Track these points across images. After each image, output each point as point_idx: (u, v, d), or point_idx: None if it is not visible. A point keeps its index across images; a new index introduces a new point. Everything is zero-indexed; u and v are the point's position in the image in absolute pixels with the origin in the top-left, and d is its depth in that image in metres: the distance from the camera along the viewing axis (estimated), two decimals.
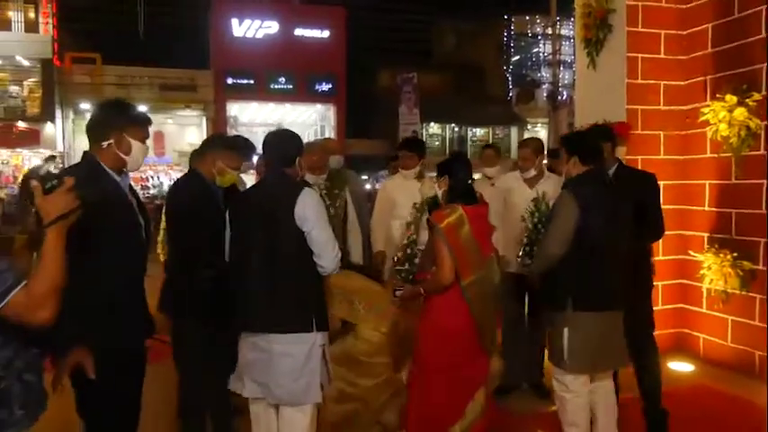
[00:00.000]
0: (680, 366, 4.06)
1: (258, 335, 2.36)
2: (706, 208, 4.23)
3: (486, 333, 2.68)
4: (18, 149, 13.51)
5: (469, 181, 2.76)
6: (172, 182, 3.26)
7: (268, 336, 2.35)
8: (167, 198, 3.01)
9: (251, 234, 2.42)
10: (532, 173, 3.63)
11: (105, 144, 2.02)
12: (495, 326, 2.84)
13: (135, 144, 2.07)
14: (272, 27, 15.75)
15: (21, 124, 13.29)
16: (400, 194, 3.91)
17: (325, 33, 16.27)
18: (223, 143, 2.84)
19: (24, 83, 13.25)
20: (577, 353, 2.69)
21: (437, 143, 20.13)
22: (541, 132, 18.99)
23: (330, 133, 16.58)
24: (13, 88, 13.10)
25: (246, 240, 2.42)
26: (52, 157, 12.69)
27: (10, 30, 12.65)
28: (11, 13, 12.67)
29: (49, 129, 13.55)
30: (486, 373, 2.71)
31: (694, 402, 3.56)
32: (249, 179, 3.55)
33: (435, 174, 2.82)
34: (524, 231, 3.20)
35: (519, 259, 3.04)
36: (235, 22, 15.49)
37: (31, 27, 12.87)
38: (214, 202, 2.73)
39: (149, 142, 2.37)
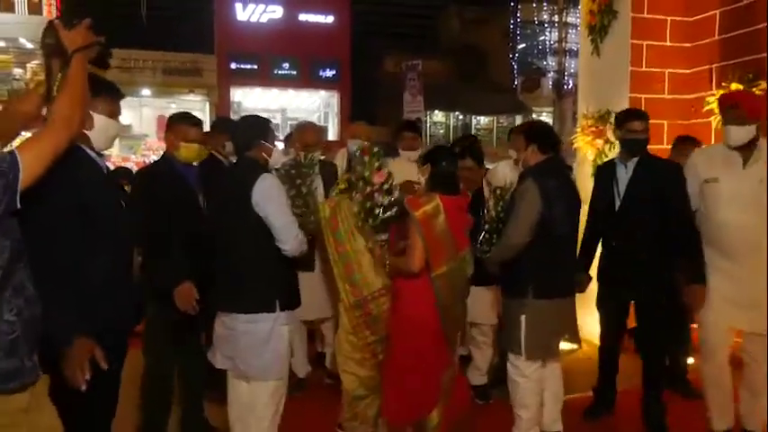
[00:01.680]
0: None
1: (224, 313, 2.50)
2: None
3: (450, 324, 2.71)
4: (23, 132, 13.50)
5: (452, 170, 2.74)
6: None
7: (231, 314, 2.48)
8: (136, 185, 3.01)
9: (218, 215, 2.56)
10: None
11: None
12: (464, 318, 2.97)
13: (98, 118, 1.97)
14: (276, 12, 15.62)
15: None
16: (400, 176, 3.89)
17: (330, 18, 16.14)
18: (181, 119, 2.84)
19: (28, 65, 13.19)
20: (534, 340, 2.79)
21: (441, 131, 20.03)
22: (547, 121, 18.86)
23: (334, 120, 16.51)
24: (17, 71, 13.03)
25: (215, 221, 2.57)
26: None
27: (13, 12, 12.58)
28: None
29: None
30: (447, 364, 2.73)
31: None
32: None
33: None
34: (485, 220, 3.18)
35: (478, 246, 2.98)
36: (239, 6, 15.37)
37: (35, 9, 12.78)
38: (180, 183, 2.75)
39: (152, 127, 2.39)
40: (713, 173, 2.90)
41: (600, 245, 3.32)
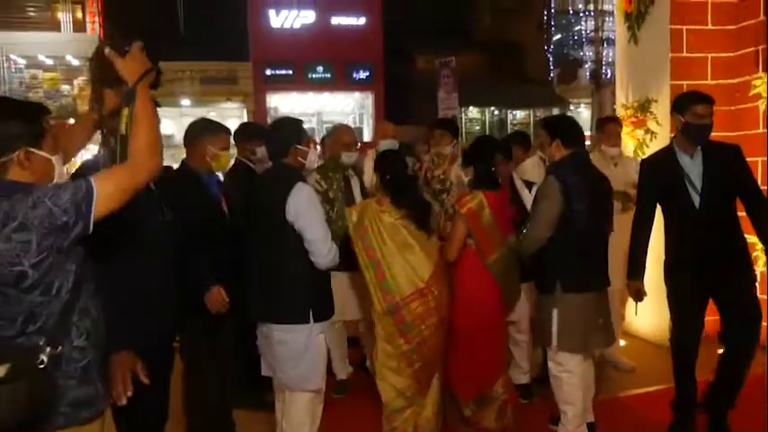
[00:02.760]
0: None
1: (261, 323, 2.51)
2: (761, 187, 4.04)
3: (511, 301, 3.12)
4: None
5: (492, 168, 2.96)
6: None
7: (267, 324, 2.48)
8: (158, 195, 2.96)
9: (252, 224, 2.54)
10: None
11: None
12: (519, 294, 3.23)
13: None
14: (308, 17, 15.79)
15: (72, 121, 13.84)
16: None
17: (362, 20, 16.21)
18: (209, 127, 2.74)
19: (75, 81, 13.75)
20: (567, 332, 2.77)
21: (477, 128, 19.83)
22: (584, 113, 18.45)
23: (369, 121, 16.57)
24: (65, 87, 13.61)
25: (249, 230, 2.56)
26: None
27: (59, 31, 13.15)
28: (59, 15, 13.16)
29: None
30: (505, 336, 3.13)
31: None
32: None
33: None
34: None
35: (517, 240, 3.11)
36: (272, 12, 15.61)
37: (79, 27, 13.33)
38: (207, 194, 2.70)
39: None
40: None
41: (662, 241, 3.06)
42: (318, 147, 3.40)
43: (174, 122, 15.50)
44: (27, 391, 1.36)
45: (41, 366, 1.40)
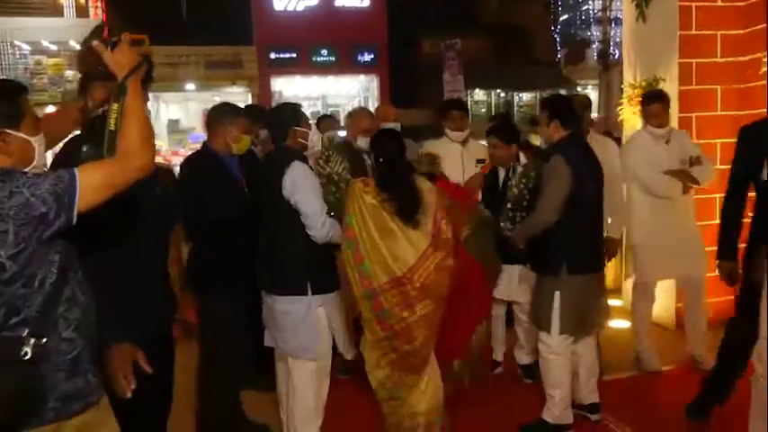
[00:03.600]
0: None
1: (266, 294, 2.65)
2: None
3: (492, 274, 3.09)
4: (76, 131, 14.06)
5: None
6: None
7: (271, 295, 2.62)
8: (182, 177, 2.96)
9: (258, 202, 2.68)
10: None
11: None
12: (499, 266, 3.18)
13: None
14: None
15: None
16: (444, 158, 3.84)
17: (366, 3, 16.04)
18: (230, 111, 2.84)
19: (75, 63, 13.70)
20: (567, 315, 2.76)
21: (483, 110, 19.67)
22: (592, 94, 18.25)
23: (373, 104, 16.48)
24: (69, 72, 13.56)
25: (256, 209, 2.69)
26: None
27: (62, 16, 13.08)
28: (62, 0, 13.09)
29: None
30: (489, 309, 3.10)
31: None
32: None
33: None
34: (508, 197, 3.22)
35: (501, 224, 3.09)
36: None
37: (82, 12, 13.25)
38: (230, 175, 2.80)
39: (198, 121, 2.44)
40: None
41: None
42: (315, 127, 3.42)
43: (179, 107, 15.47)
44: (12, 386, 1.31)
45: (26, 359, 1.35)
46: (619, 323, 4.38)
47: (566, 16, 19.78)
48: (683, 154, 3.51)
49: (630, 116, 4.43)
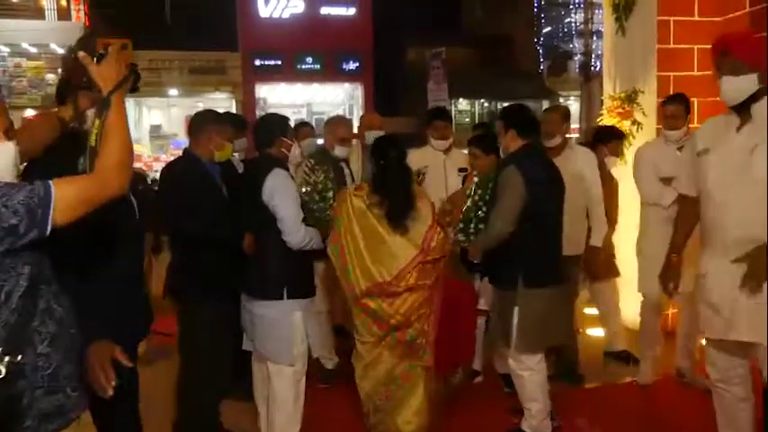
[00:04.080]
0: None
1: (245, 297, 2.69)
2: None
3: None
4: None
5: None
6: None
7: (249, 299, 2.66)
8: (163, 183, 2.94)
9: (238, 209, 2.70)
10: (558, 140, 3.54)
11: None
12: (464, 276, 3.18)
13: None
14: (297, 6, 15.65)
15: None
16: (425, 166, 3.86)
17: (351, 11, 16.09)
18: (215, 118, 2.85)
19: (59, 70, 13.54)
20: (528, 331, 2.66)
21: (467, 119, 19.84)
22: (574, 105, 18.51)
23: (358, 112, 16.51)
24: (49, 76, 13.37)
25: (237, 214, 2.72)
26: None
27: (44, 18, 12.91)
28: (44, 2, 12.93)
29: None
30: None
31: None
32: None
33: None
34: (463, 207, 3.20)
35: (453, 237, 3.03)
36: (261, 2, 15.46)
37: (64, 15, 13.10)
38: (212, 181, 2.78)
39: (181, 126, 2.39)
40: (707, 143, 2.34)
41: None
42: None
43: (161, 113, 15.34)
44: None
45: (0, 378, 1.27)
46: (598, 331, 4.42)
47: (549, 29, 20.09)
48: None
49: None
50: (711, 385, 2.43)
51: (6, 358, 1.29)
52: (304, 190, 3.32)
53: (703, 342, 2.54)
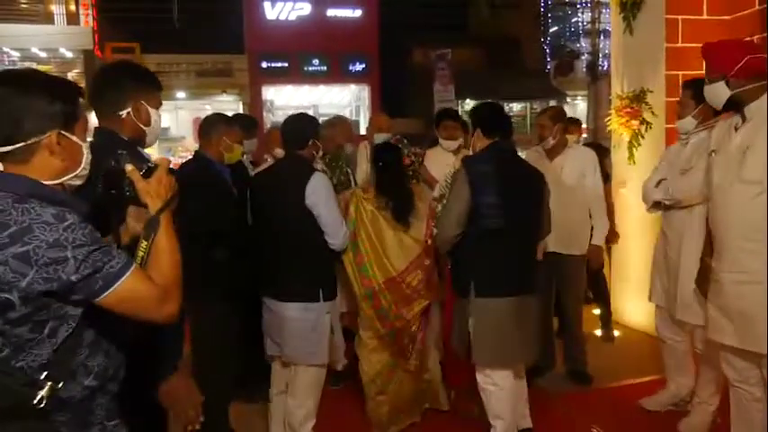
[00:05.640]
0: None
1: (273, 301, 2.67)
2: None
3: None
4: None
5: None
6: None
7: (279, 302, 2.65)
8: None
9: (268, 211, 2.68)
10: (551, 142, 3.53)
11: (124, 113, 1.76)
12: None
13: (152, 112, 1.81)
14: (304, 9, 15.71)
15: None
16: (436, 166, 3.89)
17: (357, 13, 16.13)
18: (225, 121, 2.90)
19: (69, 74, 13.65)
20: (484, 344, 2.51)
21: None
22: (581, 105, 18.43)
23: (365, 114, 16.53)
24: None
25: (264, 216, 2.70)
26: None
27: (53, 23, 13.02)
28: (53, 7, 13.04)
29: (93, 117, 13.88)
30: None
31: None
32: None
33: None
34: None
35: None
36: (267, 4, 15.52)
37: (72, 19, 13.20)
38: (224, 183, 2.83)
39: (189, 129, 2.40)
40: (715, 144, 2.38)
41: None
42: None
43: (169, 116, 15.39)
44: None
45: (40, 407, 1.20)
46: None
47: (555, 28, 19.99)
48: (688, 162, 2.84)
49: (619, 126, 4.48)
50: (729, 385, 2.42)
51: (48, 384, 1.22)
52: None
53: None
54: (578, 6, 18.38)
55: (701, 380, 2.93)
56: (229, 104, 15.09)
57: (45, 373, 1.23)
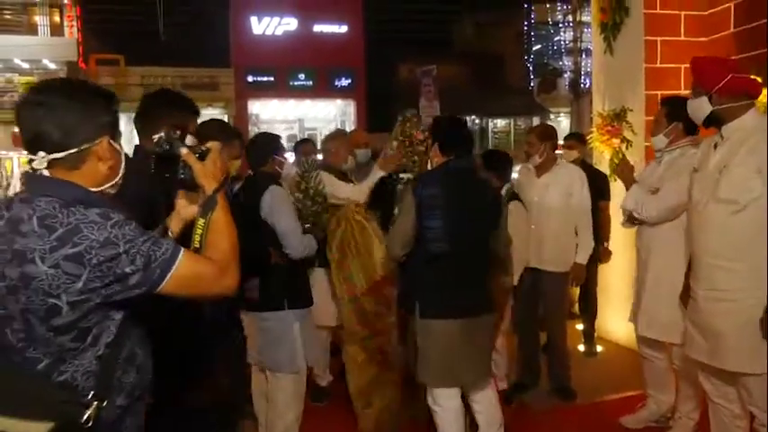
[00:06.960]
0: None
1: (246, 312, 2.79)
2: None
3: None
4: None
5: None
6: None
7: (249, 313, 2.78)
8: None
9: (238, 223, 2.74)
10: (537, 160, 3.57)
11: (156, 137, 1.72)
12: None
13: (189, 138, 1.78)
14: (290, 24, 15.79)
15: None
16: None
17: (344, 28, 16.25)
18: (221, 133, 2.79)
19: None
20: (430, 364, 2.45)
21: None
22: (564, 122, 18.69)
23: (350, 128, 16.57)
24: None
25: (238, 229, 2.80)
26: None
27: (36, 34, 12.93)
28: (36, 18, 12.96)
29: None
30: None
31: None
32: None
33: None
34: None
35: None
36: (254, 19, 15.57)
37: (57, 30, 13.12)
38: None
39: None
40: (697, 162, 2.41)
41: None
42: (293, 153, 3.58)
43: None
44: None
45: (88, 426, 1.18)
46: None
47: (539, 46, 20.32)
48: (660, 181, 2.85)
49: (599, 144, 4.55)
50: (708, 401, 2.45)
51: (95, 404, 1.22)
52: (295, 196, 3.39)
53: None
54: (560, 26, 18.71)
55: (680, 395, 2.96)
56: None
57: (92, 392, 1.23)
